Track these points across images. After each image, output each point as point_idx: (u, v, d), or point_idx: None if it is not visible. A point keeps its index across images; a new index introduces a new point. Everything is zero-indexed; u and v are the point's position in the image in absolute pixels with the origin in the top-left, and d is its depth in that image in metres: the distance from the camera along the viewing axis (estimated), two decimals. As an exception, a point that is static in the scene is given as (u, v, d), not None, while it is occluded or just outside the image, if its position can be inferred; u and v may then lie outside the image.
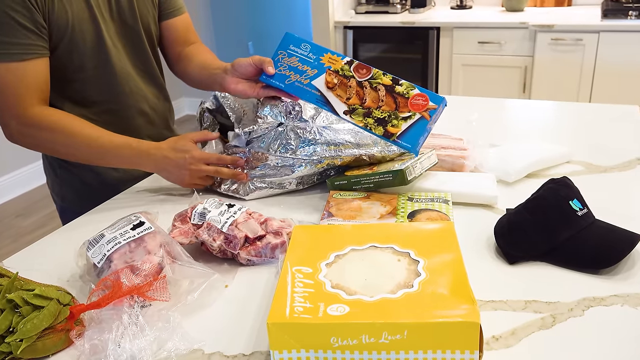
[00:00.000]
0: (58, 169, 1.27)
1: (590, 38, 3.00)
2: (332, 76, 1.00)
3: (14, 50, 1.01)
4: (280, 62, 1.04)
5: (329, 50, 1.03)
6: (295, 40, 1.05)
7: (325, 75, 1.01)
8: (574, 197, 0.86)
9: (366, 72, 0.99)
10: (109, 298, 0.72)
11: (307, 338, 0.61)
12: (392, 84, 0.97)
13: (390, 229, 0.81)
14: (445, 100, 0.95)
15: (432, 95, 0.95)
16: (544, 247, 0.84)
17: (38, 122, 1.05)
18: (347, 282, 0.67)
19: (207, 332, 0.74)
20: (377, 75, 0.99)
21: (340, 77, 1.00)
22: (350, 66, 1.00)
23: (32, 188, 3.58)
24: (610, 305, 0.74)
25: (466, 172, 1.12)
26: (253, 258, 0.88)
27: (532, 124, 1.44)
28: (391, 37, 3.56)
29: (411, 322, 0.60)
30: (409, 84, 0.97)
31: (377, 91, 0.97)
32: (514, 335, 0.70)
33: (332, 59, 1.02)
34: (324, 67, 1.01)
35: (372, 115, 0.96)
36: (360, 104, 0.97)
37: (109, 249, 0.80)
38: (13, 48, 1.00)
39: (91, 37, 1.11)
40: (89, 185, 1.26)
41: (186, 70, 1.28)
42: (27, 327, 0.67)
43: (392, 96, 0.96)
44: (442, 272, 0.68)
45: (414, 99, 0.95)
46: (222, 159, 1.11)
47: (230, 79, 1.09)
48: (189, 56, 1.28)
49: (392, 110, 0.96)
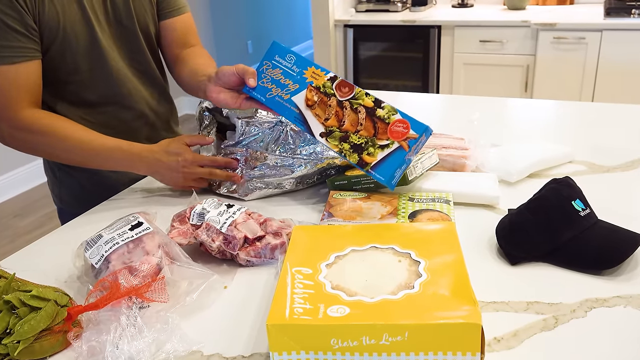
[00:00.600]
0: (57, 171, 1.28)
1: (593, 37, 3.00)
2: (313, 93, 0.96)
3: (5, 53, 1.01)
4: (264, 73, 1.01)
5: (313, 64, 0.99)
6: (281, 51, 1.01)
7: (306, 92, 0.97)
8: (577, 198, 0.86)
9: (348, 91, 0.95)
10: (107, 299, 0.72)
11: (307, 339, 0.61)
12: (374, 106, 0.93)
13: (391, 230, 0.81)
14: (429, 129, 0.90)
15: (414, 122, 0.90)
16: (546, 247, 0.84)
17: (29, 125, 1.05)
18: (347, 283, 0.67)
19: (206, 333, 0.74)
20: (359, 95, 0.94)
21: (321, 94, 0.96)
22: (333, 83, 0.96)
23: (30, 188, 3.58)
24: (613, 307, 0.74)
25: (467, 172, 1.12)
26: (252, 259, 0.88)
27: (534, 123, 1.44)
28: (392, 36, 3.56)
29: (412, 323, 0.60)
30: (391, 108, 0.92)
31: (357, 113, 0.93)
32: (516, 337, 0.70)
33: (315, 73, 0.97)
34: (306, 82, 0.97)
35: (348, 140, 0.93)
36: (338, 127, 0.94)
37: (107, 249, 0.80)
38: (3, 51, 1.01)
39: (84, 39, 1.11)
40: (86, 188, 1.26)
41: (180, 75, 1.26)
42: (25, 329, 0.67)
43: (372, 120, 0.92)
44: (444, 273, 0.68)
45: (394, 125, 0.90)
46: (215, 161, 1.10)
47: (212, 88, 1.04)
48: (184, 60, 1.26)
49: (370, 137, 0.92)
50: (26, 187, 3.57)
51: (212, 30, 4.91)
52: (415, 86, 3.56)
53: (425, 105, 1.68)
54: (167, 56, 1.30)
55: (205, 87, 1.07)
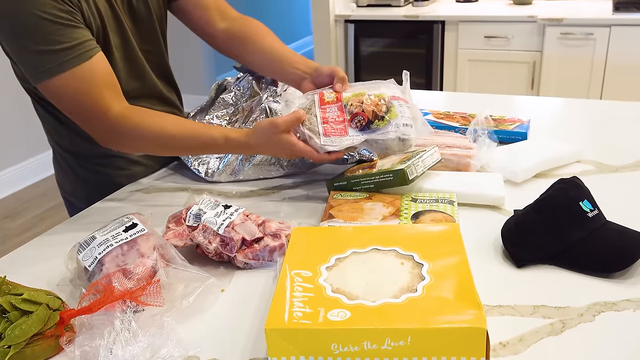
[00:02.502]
0: (79, 168, 1.25)
1: (601, 32, 3.00)
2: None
3: (74, 53, 0.97)
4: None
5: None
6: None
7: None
8: (584, 198, 0.86)
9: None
10: (100, 303, 0.72)
11: (307, 344, 0.61)
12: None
13: (393, 231, 0.81)
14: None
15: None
16: (553, 249, 0.84)
17: (122, 126, 1.03)
18: (348, 286, 0.67)
19: (203, 338, 0.74)
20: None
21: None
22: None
23: (21, 189, 3.58)
24: (622, 311, 0.74)
25: (472, 171, 1.12)
26: (250, 261, 0.88)
27: (540, 121, 1.44)
28: (394, 32, 3.56)
29: (415, 327, 0.60)
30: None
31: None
32: (522, 342, 0.70)
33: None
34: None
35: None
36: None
37: (101, 251, 0.80)
38: (72, 51, 0.96)
39: (116, 32, 1.10)
40: (115, 180, 1.25)
41: (243, 52, 1.24)
42: (16, 333, 0.67)
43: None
44: (447, 276, 0.68)
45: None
46: (321, 158, 1.05)
47: (308, 86, 1.13)
48: (245, 36, 1.23)
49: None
50: (17, 187, 3.58)
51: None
52: (418, 83, 3.56)
53: (428, 102, 1.68)
54: (206, 32, 1.26)
55: (300, 80, 1.16)
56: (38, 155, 3.63)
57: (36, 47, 0.95)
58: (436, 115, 1.39)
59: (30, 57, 0.97)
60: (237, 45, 1.25)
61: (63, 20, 0.96)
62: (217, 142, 1.05)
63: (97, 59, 1.00)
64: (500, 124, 1.32)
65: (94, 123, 1.04)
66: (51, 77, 0.97)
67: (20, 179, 3.58)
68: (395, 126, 1.03)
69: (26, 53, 0.96)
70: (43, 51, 0.95)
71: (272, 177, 1.22)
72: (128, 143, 1.09)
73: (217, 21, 1.24)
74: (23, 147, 3.54)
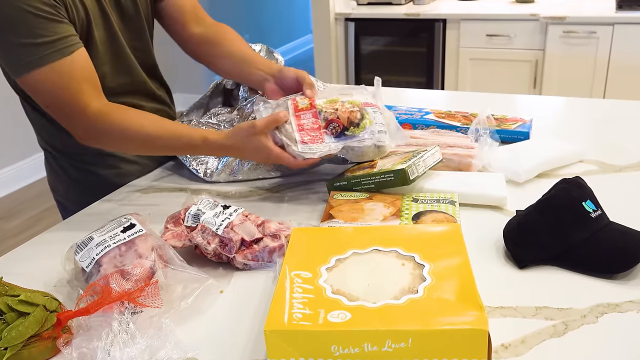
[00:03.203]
0: (70, 169, 1.26)
1: (605, 31, 3.00)
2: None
3: (55, 47, 0.97)
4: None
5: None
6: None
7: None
8: (587, 198, 0.86)
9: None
10: (98, 304, 0.72)
11: (307, 346, 0.61)
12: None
13: (394, 232, 0.81)
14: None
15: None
16: (555, 250, 0.84)
17: (101, 123, 1.04)
18: (348, 288, 0.68)
19: (202, 340, 0.74)
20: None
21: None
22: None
23: (17, 189, 3.58)
24: (625, 312, 0.74)
25: (474, 171, 1.12)
26: (250, 262, 0.88)
27: (543, 121, 1.44)
28: (395, 30, 3.56)
29: (416, 329, 0.60)
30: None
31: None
32: (524, 344, 0.70)
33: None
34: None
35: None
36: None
37: (98, 252, 0.80)
38: (53, 45, 0.97)
39: (102, 27, 1.11)
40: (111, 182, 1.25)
41: (211, 56, 1.27)
42: (12, 335, 0.67)
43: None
44: (449, 277, 0.68)
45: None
46: (299, 164, 1.05)
47: (272, 87, 1.14)
48: (216, 41, 1.27)
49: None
50: (12, 188, 3.57)
51: (207, 24, 4.90)
52: (419, 82, 3.56)
53: (429, 102, 1.69)
54: (181, 35, 1.29)
55: (263, 82, 1.18)
56: (33, 156, 3.63)
57: (18, 40, 0.95)
58: (437, 115, 1.39)
59: (12, 49, 0.97)
60: (208, 50, 1.28)
61: (46, 14, 0.96)
62: (195, 142, 1.06)
63: (78, 55, 1.01)
64: (502, 124, 1.33)
65: (71, 118, 1.04)
66: (30, 71, 0.97)
67: (16, 180, 3.58)
68: (371, 133, 1.05)
69: (7, 45, 0.97)
70: (24, 44, 0.96)
71: (272, 177, 1.22)
72: (106, 141, 1.09)
73: (192, 26, 1.27)
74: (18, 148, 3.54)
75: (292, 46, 6.52)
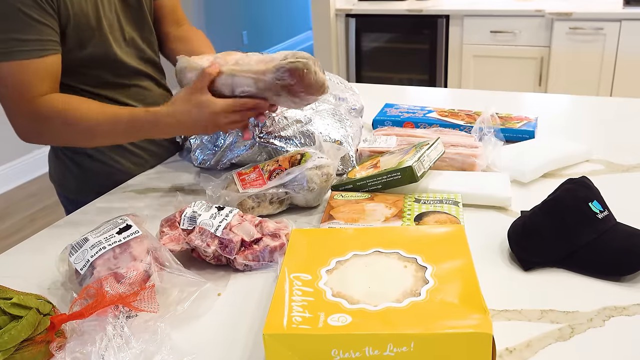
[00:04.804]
0: (68, 161, 1.28)
1: (612, 27, 3.00)
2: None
3: (31, 47, 1.02)
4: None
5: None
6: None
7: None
8: (594, 199, 0.86)
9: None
10: (92, 308, 0.72)
11: (306, 350, 0.61)
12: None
13: (396, 233, 0.81)
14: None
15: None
16: (561, 252, 0.84)
17: (45, 111, 1.06)
18: (349, 290, 0.67)
19: (199, 344, 0.74)
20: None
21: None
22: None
23: (9, 189, 3.58)
24: (632, 315, 0.74)
25: (478, 171, 1.12)
26: (250, 263, 0.88)
27: (548, 119, 1.44)
28: (397, 26, 3.57)
29: (418, 333, 0.60)
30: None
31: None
32: (530, 348, 0.70)
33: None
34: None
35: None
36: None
37: (93, 254, 0.80)
38: (29, 45, 1.02)
39: (94, 17, 1.14)
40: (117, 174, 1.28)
41: (176, 53, 1.28)
42: (5, 339, 0.67)
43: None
44: (452, 280, 0.68)
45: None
46: (245, 104, 1.06)
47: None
48: (183, 40, 1.34)
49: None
50: (5, 188, 3.57)
51: (204, 19, 4.91)
52: (421, 80, 3.56)
53: (432, 100, 1.69)
54: (158, 33, 1.35)
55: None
56: (28, 155, 3.63)
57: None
58: (440, 113, 1.39)
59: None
60: (176, 47, 1.34)
61: (34, 14, 1.01)
62: (138, 116, 1.07)
63: (48, 60, 1.05)
64: (506, 122, 1.33)
65: (18, 109, 1.05)
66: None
67: (9, 179, 3.58)
68: (312, 161, 1.06)
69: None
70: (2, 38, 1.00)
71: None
72: (46, 128, 1.09)
73: (169, 25, 1.36)
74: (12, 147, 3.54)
75: (291, 43, 6.52)
